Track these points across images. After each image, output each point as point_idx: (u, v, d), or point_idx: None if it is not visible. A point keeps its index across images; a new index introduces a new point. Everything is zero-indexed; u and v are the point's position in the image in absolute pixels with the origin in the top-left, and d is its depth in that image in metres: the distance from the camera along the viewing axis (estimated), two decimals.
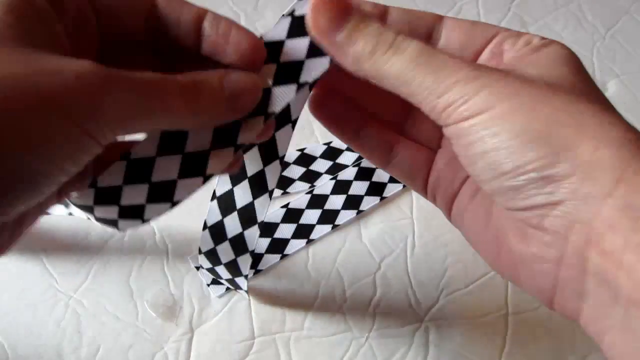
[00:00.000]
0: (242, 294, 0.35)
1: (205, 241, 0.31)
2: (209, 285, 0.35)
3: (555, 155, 0.17)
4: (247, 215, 0.29)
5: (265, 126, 0.24)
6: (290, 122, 0.26)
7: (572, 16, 0.52)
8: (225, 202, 0.29)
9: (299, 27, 0.23)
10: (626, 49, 0.49)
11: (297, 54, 0.24)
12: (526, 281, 0.20)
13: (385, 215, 0.39)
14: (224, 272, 0.32)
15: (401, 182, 0.40)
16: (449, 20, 0.22)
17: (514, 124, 0.18)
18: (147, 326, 0.34)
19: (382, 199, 0.39)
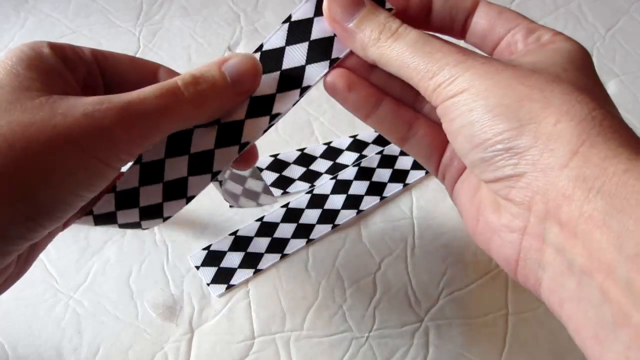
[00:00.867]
0: (242, 293, 0.35)
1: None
2: (208, 285, 0.35)
3: (520, 127, 0.18)
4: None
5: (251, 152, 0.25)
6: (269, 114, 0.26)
7: (572, 16, 0.52)
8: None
9: (298, 33, 0.24)
10: (626, 49, 0.49)
11: (296, 60, 0.24)
12: (496, 250, 0.21)
13: (385, 215, 0.39)
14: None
15: (399, 182, 0.40)
16: (483, 5, 0.24)
17: (488, 100, 0.19)
18: (147, 326, 0.34)
19: (382, 198, 0.39)
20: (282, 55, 0.24)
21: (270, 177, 0.40)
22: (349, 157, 0.41)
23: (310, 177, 0.40)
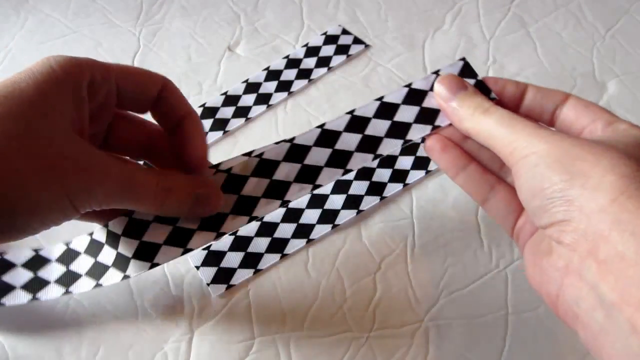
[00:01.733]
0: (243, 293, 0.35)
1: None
2: (208, 285, 0.35)
3: (571, 180, 0.22)
4: None
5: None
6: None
7: (572, 16, 0.52)
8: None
9: (413, 97, 0.30)
10: (626, 49, 0.49)
11: (407, 117, 0.30)
12: (542, 286, 0.24)
13: (385, 215, 0.39)
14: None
15: (399, 182, 0.40)
16: (572, 99, 0.28)
17: (549, 159, 0.23)
18: (147, 326, 0.34)
19: (382, 198, 0.39)
20: (397, 109, 0.30)
21: None
22: None
23: None
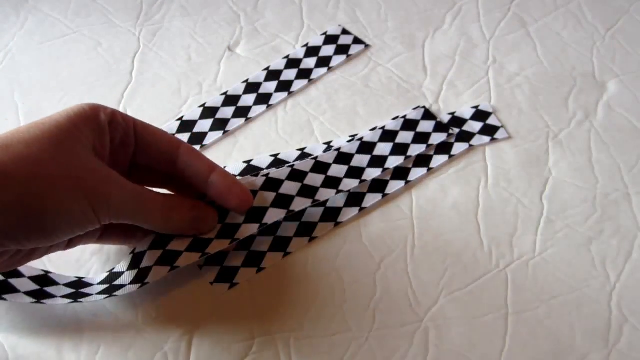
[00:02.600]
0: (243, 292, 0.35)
1: None
2: (211, 284, 0.35)
3: None
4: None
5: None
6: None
7: (572, 16, 0.52)
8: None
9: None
10: (626, 49, 0.49)
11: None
12: None
13: (385, 215, 0.39)
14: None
15: (401, 180, 0.40)
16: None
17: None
18: (147, 326, 0.34)
19: (384, 195, 0.39)
20: (374, 147, 0.41)
21: None
22: None
23: None
